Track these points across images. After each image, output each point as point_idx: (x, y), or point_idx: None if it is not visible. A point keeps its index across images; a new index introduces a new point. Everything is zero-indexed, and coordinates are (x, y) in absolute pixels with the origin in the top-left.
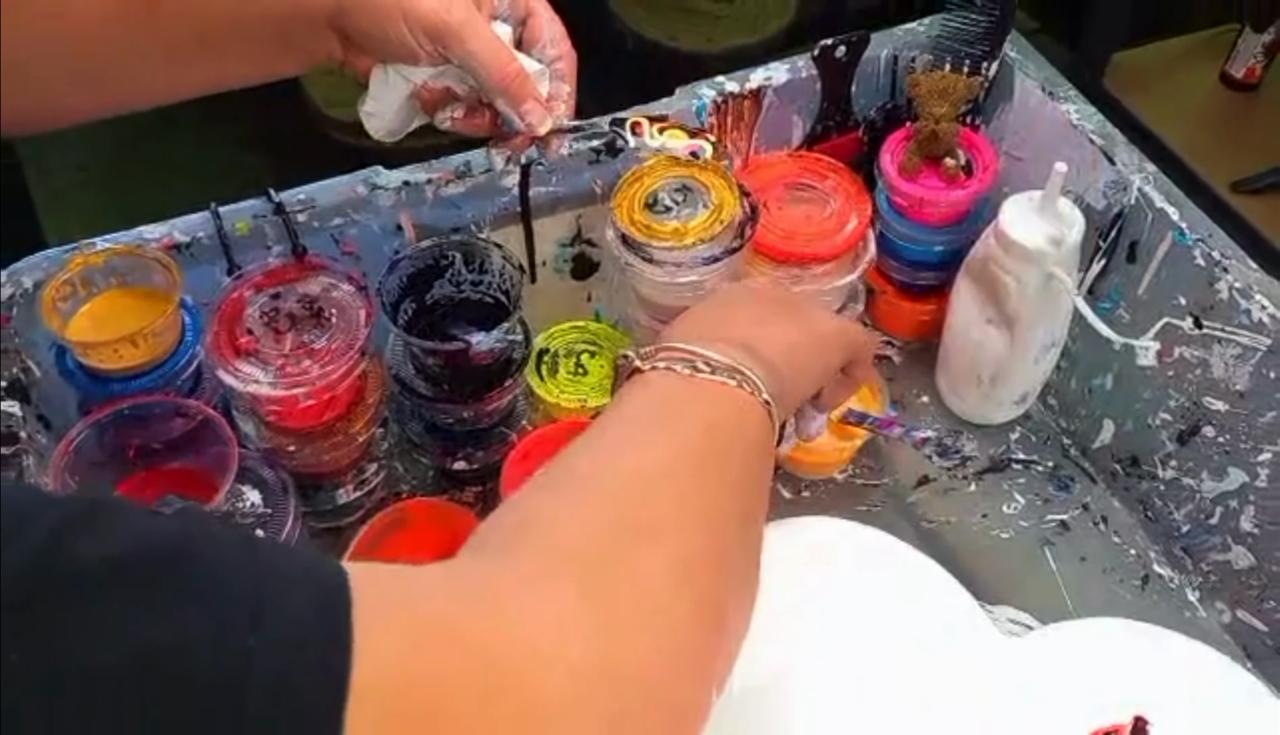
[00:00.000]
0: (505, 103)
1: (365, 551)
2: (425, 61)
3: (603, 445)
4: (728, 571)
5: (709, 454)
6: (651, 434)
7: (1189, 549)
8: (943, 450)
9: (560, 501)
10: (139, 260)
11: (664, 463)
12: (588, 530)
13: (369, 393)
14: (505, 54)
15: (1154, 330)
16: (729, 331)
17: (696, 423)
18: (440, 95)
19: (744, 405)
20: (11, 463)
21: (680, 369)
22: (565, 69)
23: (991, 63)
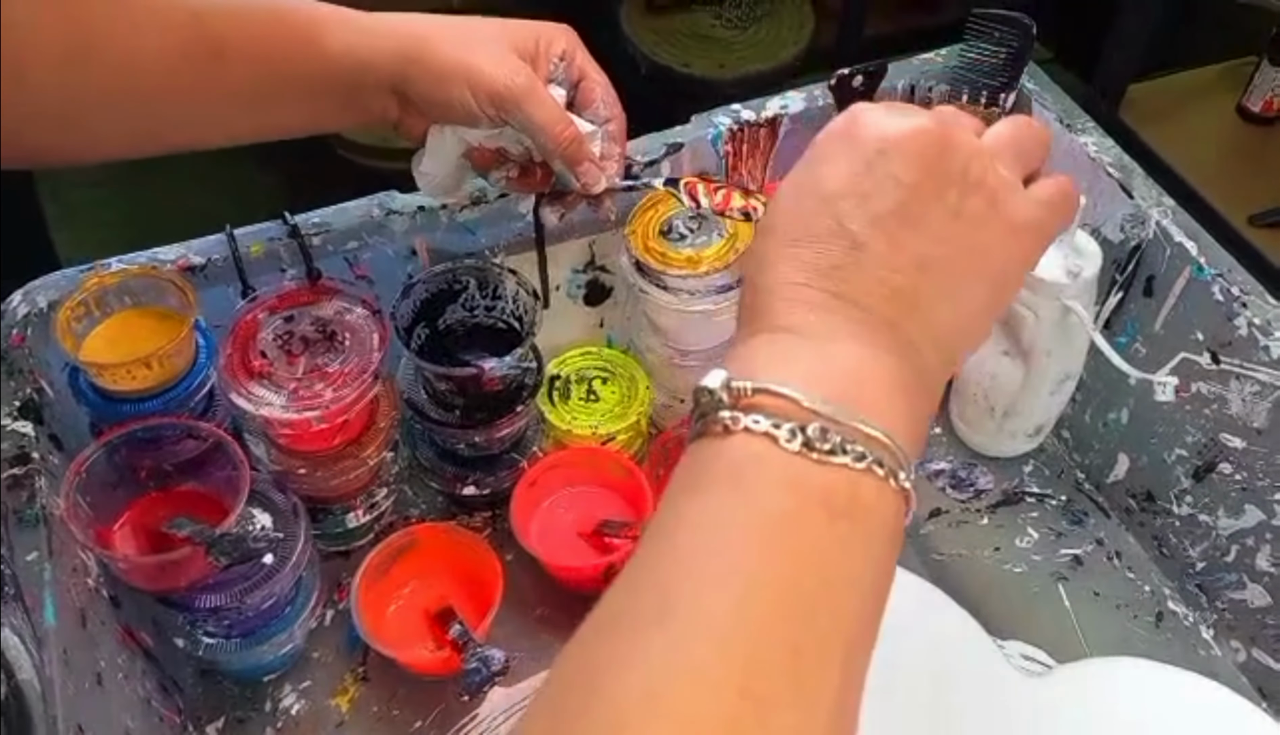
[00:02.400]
0: (562, 164)
1: (374, 575)
2: (485, 124)
3: (623, 653)
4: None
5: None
6: (725, 584)
7: (1204, 586)
8: (956, 482)
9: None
10: (154, 281)
11: (743, 652)
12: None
13: (381, 417)
14: (564, 118)
15: (1171, 365)
16: (863, 284)
17: (793, 564)
18: (492, 155)
19: (862, 502)
20: (23, 483)
21: (784, 440)
22: (616, 131)
23: (1009, 94)
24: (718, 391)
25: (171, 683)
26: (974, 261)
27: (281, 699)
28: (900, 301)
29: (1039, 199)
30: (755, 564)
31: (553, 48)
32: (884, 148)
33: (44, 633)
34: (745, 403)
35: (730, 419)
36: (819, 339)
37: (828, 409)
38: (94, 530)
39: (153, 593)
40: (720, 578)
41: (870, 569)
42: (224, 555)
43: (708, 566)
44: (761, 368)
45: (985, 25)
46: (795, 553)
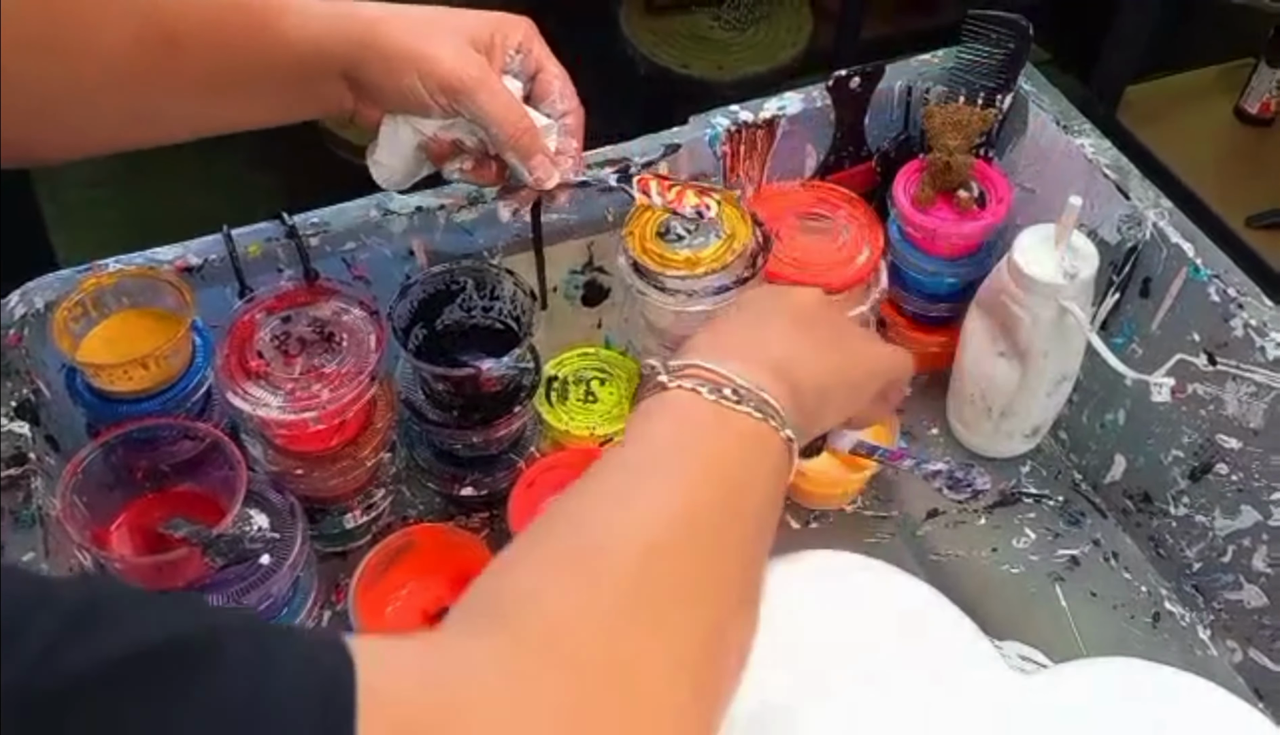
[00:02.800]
0: (515, 157)
1: (372, 576)
2: (438, 114)
3: (611, 490)
4: (726, 650)
5: (722, 511)
6: (664, 481)
7: (1200, 587)
8: (954, 483)
9: (556, 573)
10: (151, 282)
11: (672, 526)
12: (582, 614)
13: (378, 417)
14: (517, 110)
15: (1167, 366)
16: (761, 352)
17: (714, 468)
18: (448, 146)
19: (765, 441)
20: (20, 484)
21: (705, 394)
22: (573, 125)
23: (1006, 95)
24: (659, 368)
25: None
26: (842, 366)
27: None
28: (791, 365)
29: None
30: (698, 455)
31: (509, 39)
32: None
33: None
34: (679, 373)
35: (669, 381)
36: (745, 368)
37: (737, 378)
38: (90, 531)
39: None
40: (644, 487)
41: (767, 481)
42: (220, 556)
43: (662, 459)
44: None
45: (982, 27)
46: (722, 452)
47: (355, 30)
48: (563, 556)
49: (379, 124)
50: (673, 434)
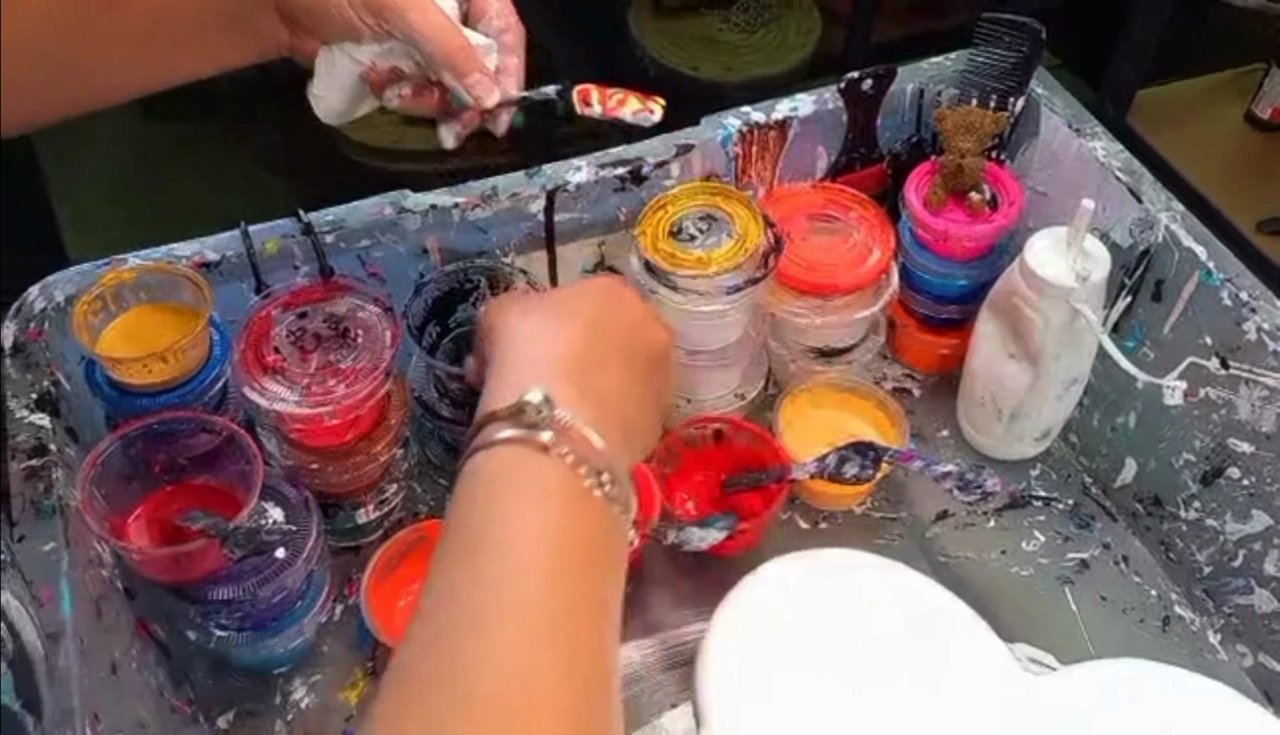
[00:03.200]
0: (450, 77)
1: (384, 570)
2: (368, 38)
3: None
4: None
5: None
6: (544, 635)
7: (1211, 591)
8: (964, 485)
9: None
10: (169, 277)
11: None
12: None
13: (392, 414)
14: (448, 27)
15: (1179, 370)
16: (610, 405)
17: (596, 585)
18: (388, 75)
19: (617, 531)
20: (40, 474)
21: (586, 479)
22: (512, 41)
23: (1018, 98)
24: (542, 407)
25: (183, 675)
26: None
27: (291, 692)
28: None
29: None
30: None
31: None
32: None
33: (61, 623)
34: (559, 432)
35: (550, 440)
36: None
37: (610, 462)
38: (109, 522)
39: (166, 585)
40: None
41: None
42: (238, 547)
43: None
44: (571, 402)
45: (995, 30)
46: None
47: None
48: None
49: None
50: (555, 540)
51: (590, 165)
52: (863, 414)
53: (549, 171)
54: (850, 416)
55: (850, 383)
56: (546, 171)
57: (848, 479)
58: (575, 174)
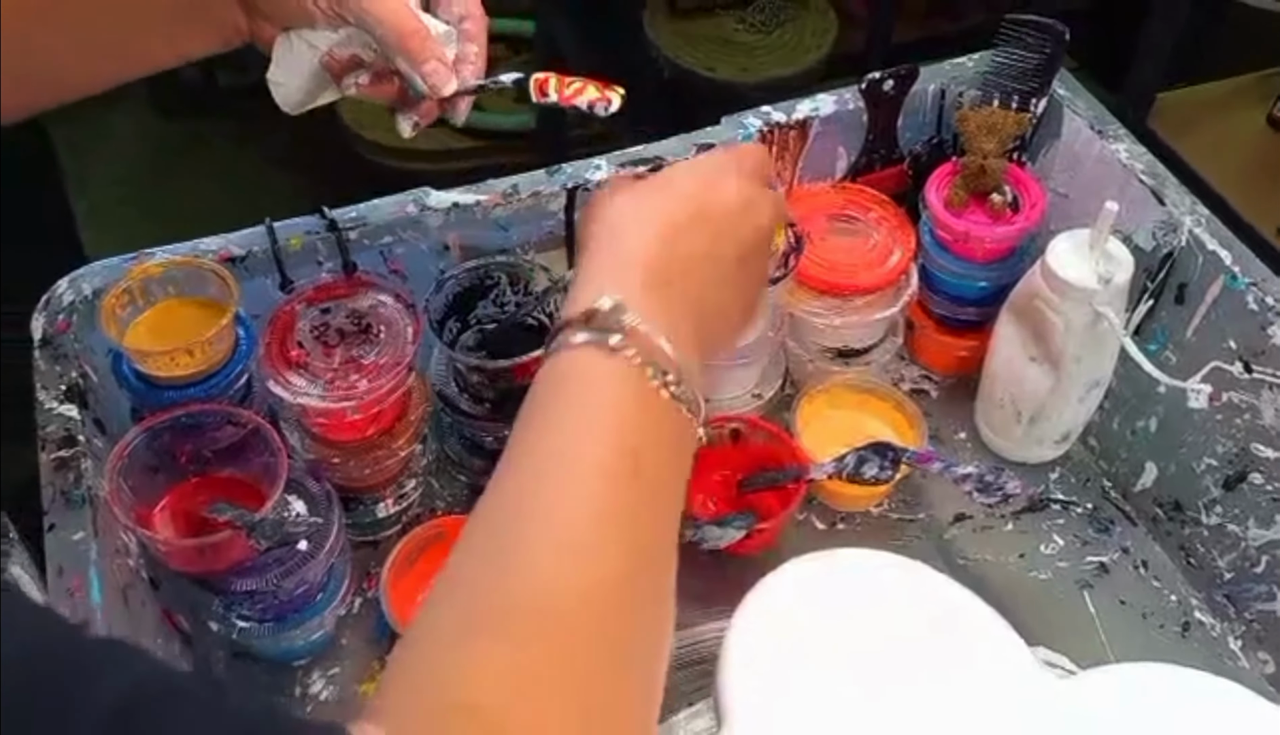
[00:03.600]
0: (406, 64)
1: (403, 565)
2: (324, 23)
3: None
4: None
5: (658, 539)
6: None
7: (1232, 597)
8: (984, 487)
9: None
10: (196, 271)
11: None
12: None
13: (412, 409)
14: (404, 13)
15: (1201, 373)
16: (689, 287)
17: (658, 483)
18: (348, 63)
19: (689, 442)
20: (70, 465)
21: (650, 378)
22: (473, 30)
23: (1040, 100)
24: (611, 314)
25: (205, 665)
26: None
27: (311, 684)
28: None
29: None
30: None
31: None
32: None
33: (90, 611)
34: (626, 335)
35: (615, 342)
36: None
37: (680, 359)
38: (135, 513)
39: (191, 575)
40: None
41: (681, 483)
42: (265, 538)
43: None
44: (644, 307)
45: (1017, 31)
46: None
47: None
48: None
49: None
50: (618, 434)
51: (610, 164)
52: (881, 415)
53: (570, 170)
54: (868, 417)
55: (868, 383)
56: (567, 170)
57: (867, 479)
58: (595, 173)
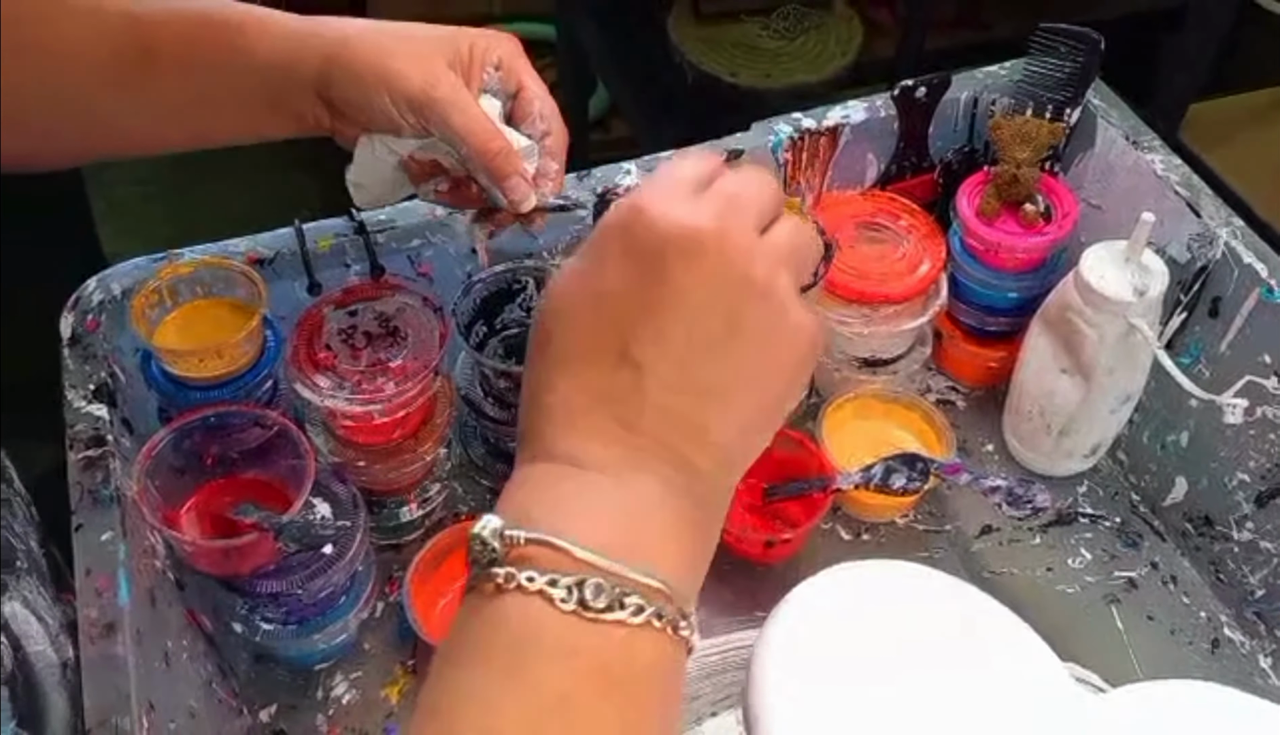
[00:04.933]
0: (488, 178)
1: (426, 569)
2: (409, 133)
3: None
4: None
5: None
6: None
7: (1263, 614)
8: (1013, 499)
9: None
10: (225, 272)
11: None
12: None
13: (438, 413)
14: (489, 129)
15: (1235, 388)
16: (643, 421)
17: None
18: (428, 167)
19: (651, 660)
20: (98, 464)
21: (559, 599)
22: (554, 146)
23: (1074, 109)
24: (490, 541)
25: (228, 667)
26: (757, 377)
27: (333, 688)
28: (685, 428)
29: (807, 303)
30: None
31: (489, 56)
32: (663, 254)
33: (119, 611)
34: (518, 553)
35: (504, 577)
36: (601, 473)
37: (603, 562)
38: (161, 513)
39: (215, 577)
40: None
41: (649, 728)
42: (292, 540)
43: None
44: (537, 508)
45: (1051, 39)
46: (592, 704)
47: (326, 48)
48: None
49: (355, 143)
50: (516, 697)
51: (640, 169)
52: (908, 426)
53: (599, 174)
54: (895, 428)
55: (896, 393)
56: (597, 174)
57: (895, 490)
58: (625, 177)
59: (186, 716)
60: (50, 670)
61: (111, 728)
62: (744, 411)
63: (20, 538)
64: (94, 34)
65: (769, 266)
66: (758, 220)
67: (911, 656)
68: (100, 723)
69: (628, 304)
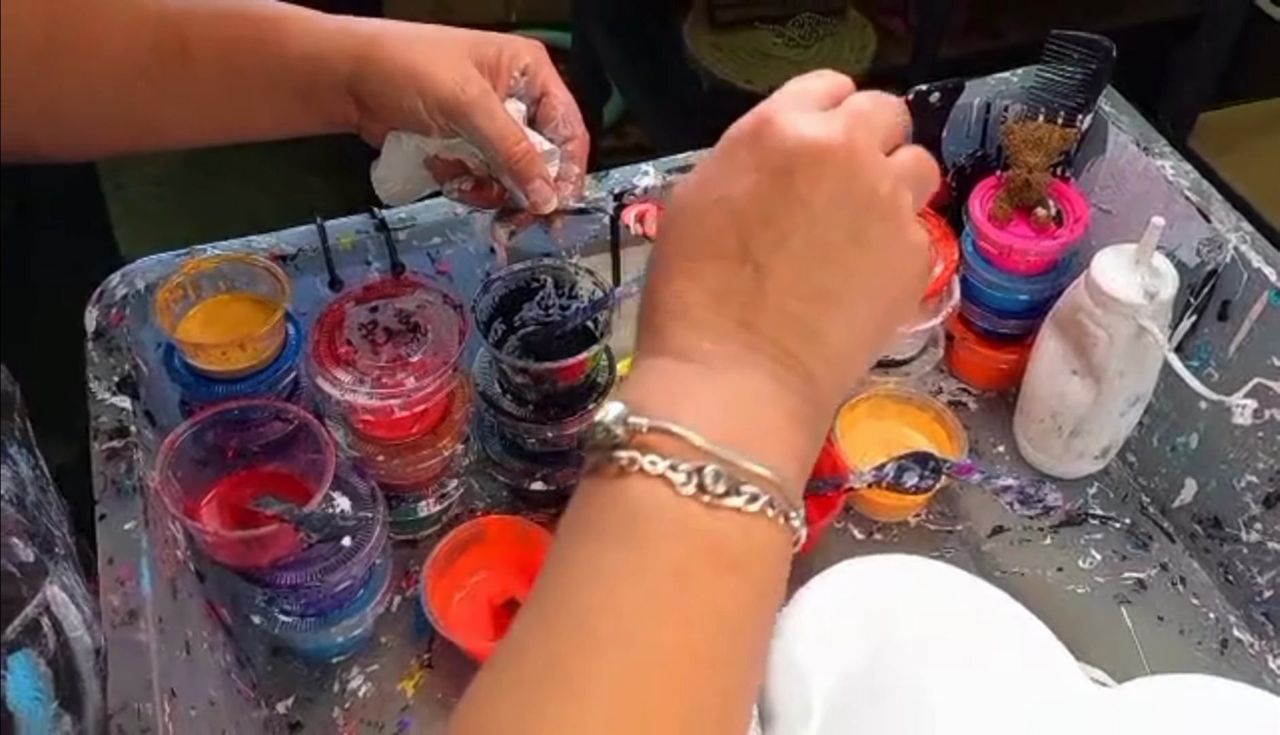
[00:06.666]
0: (511, 180)
1: (443, 564)
2: (437, 133)
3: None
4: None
5: (710, 673)
6: (629, 624)
7: (1271, 615)
8: (1024, 499)
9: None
10: (248, 267)
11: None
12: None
13: (456, 409)
14: (515, 132)
15: (1244, 390)
16: (762, 320)
17: (697, 614)
18: (453, 166)
19: (762, 543)
20: (122, 455)
21: (680, 486)
22: (576, 150)
23: (1086, 115)
24: (614, 428)
25: (246, 659)
26: (874, 289)
27: (349, 681)
28: (800, 331)
29: (922, 225)
30: (646, 628)
31: (516, 61)
32: (790, 165)
33: (141, 600)
34: (640, 440)
35: (627, 460)
36: (717, 369)
37: (722, 451)
38: (182, 505)
39: (235, 568)
40: (611, 642)
41: (758, 616)
42: (314, 531)
43: (599, 628)
44: (658, 400)
45: (1064, 46)
46: (686, 614)
47: (357, 46)
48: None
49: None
50: (629, 597)
51: (658, 170)
52: (921, 426)
53: (617, 175)
54: (907, 428)
55: (909, 394)
56: (615, 175)
57: (907, 488)
58: (643, 178)
59: (207, 705)
60: (86, 656)
61: (134, 713)
62: (858, 321)
63: (56, 525)
64: (132, 28)
65: (893, 184)
66: (885, 140)
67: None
68: (123, 707)
69: (752, 208)
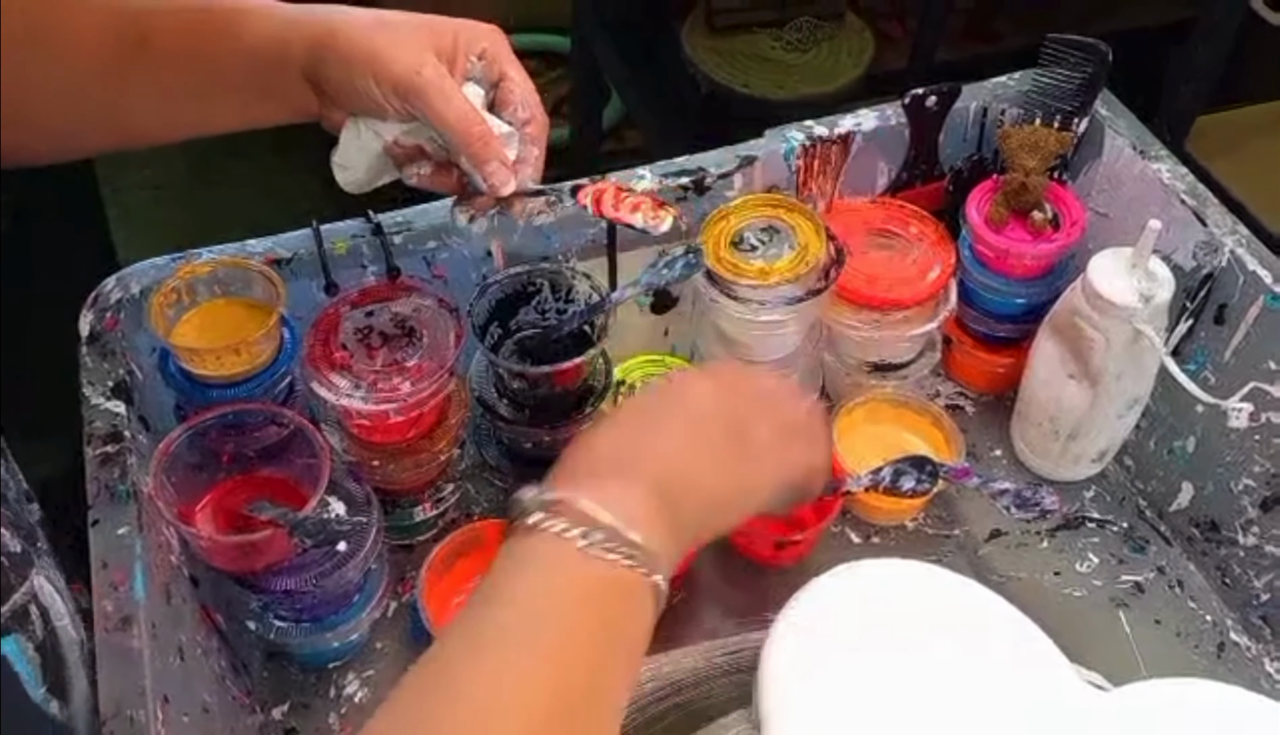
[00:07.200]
0: (469, 163)
1: (440, 568)
2: (393, 117)
3: (482, 668)
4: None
5: (590, 681)
6: (533, 657)
7: (1269, 618)
8: (1021, 502)
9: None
10: (243, 272)
11: (543, 712)
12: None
13: (452, 413)
14: (472, 115)
15: (1241, 394)
16: (642, 469)
17: (583, 633)
18: (412, 151)
19: (634, 591)
20: (115, 460)
21: (576, 539)
22: (535, 133)
23: (1082, 119)
24: (530, 504)
25: (241, 665)
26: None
27: (345, 686)
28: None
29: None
30: (526, 634)
31: (473, 46)
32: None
33: (134, 606)
34: (550, 510)
35: (536, 521)
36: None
37: (607, 517)
38: (177, 509)
39: (230, 573)
40: (492, 645)
41: (620, 643)
42: (308, 536)
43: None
44: (566, 488)
45: (1060, 50)
46: (562, 625)
47: (313, 32)
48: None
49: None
50: (541, 593)
51: (654, 174)
52: (918, 430)
53: (615, 178)
54: (905, 432)
55: (906, 398)
56: (613, 178)
57: (904, 492)
58: (639, 183)
59: (200, 711)
60: (73, 645)
61: (126, 719)
62: (722, 488)
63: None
64: (99, 25)
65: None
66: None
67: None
68: (115, 713)
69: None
